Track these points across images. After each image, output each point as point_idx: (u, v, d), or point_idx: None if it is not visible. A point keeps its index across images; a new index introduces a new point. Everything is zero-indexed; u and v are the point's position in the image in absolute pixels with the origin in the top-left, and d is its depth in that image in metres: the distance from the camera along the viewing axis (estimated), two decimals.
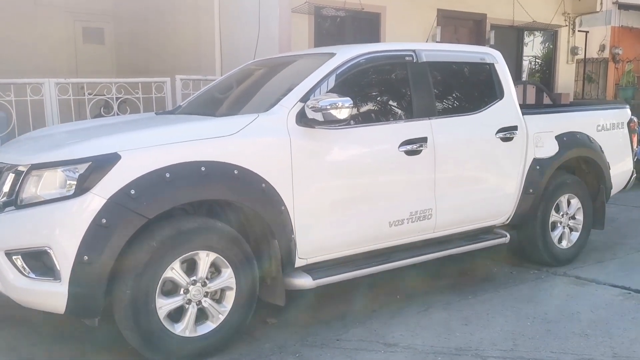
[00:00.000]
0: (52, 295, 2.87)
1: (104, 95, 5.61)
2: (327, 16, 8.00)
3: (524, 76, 10.67)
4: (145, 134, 3.22)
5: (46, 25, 8.79)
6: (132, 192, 2.87)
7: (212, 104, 4.39)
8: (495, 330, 3.49)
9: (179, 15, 7.90)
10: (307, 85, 3.54)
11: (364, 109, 3.81)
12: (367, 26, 8.52)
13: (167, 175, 2.96)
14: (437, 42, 8.57)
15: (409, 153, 3.76)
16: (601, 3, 10.61)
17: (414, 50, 3.99)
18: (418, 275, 4.33)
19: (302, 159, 3.36)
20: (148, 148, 3.00)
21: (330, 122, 3.32)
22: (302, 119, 3.36)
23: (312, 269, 3.54)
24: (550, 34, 10.89)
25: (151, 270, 2.94)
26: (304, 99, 3.41)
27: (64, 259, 2.81)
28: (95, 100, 5.57)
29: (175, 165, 2.99)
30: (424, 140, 3.82)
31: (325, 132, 3.43)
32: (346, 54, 3.77)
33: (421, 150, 3.81)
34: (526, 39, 10.66)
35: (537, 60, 11.08)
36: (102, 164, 2.87)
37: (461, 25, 9.48)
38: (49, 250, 2.84)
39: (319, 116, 3.29)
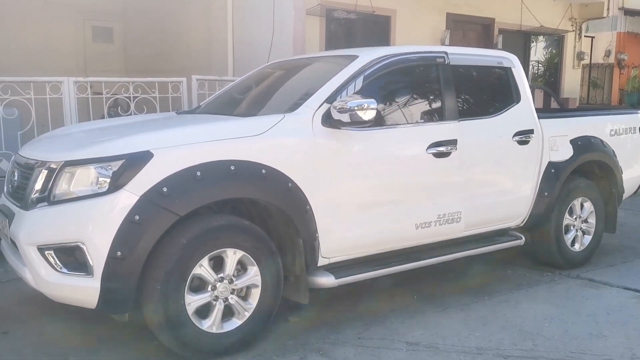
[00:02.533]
0: (84, 290, 2.92)
1: (121, 94, 5.66)
2: (339, 18, 8.07)
3: (532, 80, 10.75)
4: (175, 132, 3.27)
5: (56, 24, 8.83)
6: (165, 189, 2.92)
7: (232, 105, 4.45)
8: (513, 330, 3.55)
9: (191, 15, 7.96)
10: (332, 86, 3.59)
11: (389, 110, 3.85)
12: (377, 29, 8.59)
13: (198, 173, 3.01)
14: (446, 45, 8.63)
15: (438, 155, 3.83)
16: (608, 9, 10.70)
17: (445, 52, 4.07)
18: (433, 276, 4.40)
19: (327, 160, 3.42)
20: (180, 146, 3.06)
21: (356, 123, 3.37)
22: (328, 120, 3.42)
23: (333, 268, 3.59)
24: (557, 39, 10.98)
25: (181, 266, 2.99)
26: (330, 100, 3.46)
27: (97, 254, 2.86)
28: (113, 99, 5.62)
29: (206, 164, 3.05)
30: (453, 142, 3.89)
31: (350, 133, 3.48)
32: (369, 55, 3.83)
33: (450, 153, 3.87)
34: (533, 44, 10.74)
35: (544, 64, 11.15)
36: (135, 162, 2.93)
37: (470, 29, 9.56)
38: (82, 246, 2.88)
39: (344, 117, 3.35)
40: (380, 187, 3.66)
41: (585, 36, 11.23)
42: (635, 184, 5.36)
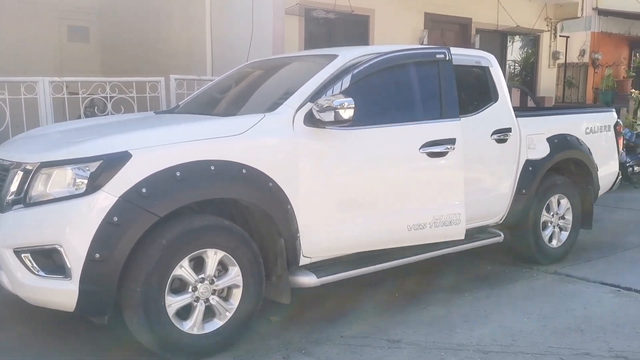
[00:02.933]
0: (62, 293, 2.88)
1: (98, 94, 5.58)
2: (318, 18, 8.06)
3: (509, 79, 10.87)
4: (154, 132, 3.24)
5: (31, 24, 8.68)
6: (144, 190, 2.89)
7: (211, 104, 4.42)
8: (493, 326, 3.59)
9: (169, 14, 7.88)
10: (312, 85, 3.58)
11: (372, 109, 3.76)
12: (356, 28, 8.61)
13: (178, 173, 2.98)
14: (424, 44, 8.69)
15: (433, 155, 3.76)
16: (582, 9, 10.88)
17: (448, 49, 3.99)
18: (415, 274, 4.42)
19: (308, 159, 3.41)
20: (159, 147, 3.03)
21: (336, 122, 3.35)
22: (310, 119, 3.40)
23: (315, 267, 3.59)
24: (533, 39, 11.13)
25: (161, 268, 2.96)
26: (312, 99, 3.45)
27: (75, 256, 2.82)
28: (89, 99, 5.55)
29: (186, 164, 3.02)
30: (451, 141, 3.80)
31: (335, 132, 3.44)
32: (349, 55, 3.84)
33: (447, 152, 3.79)
34: (510, 43, 10.87)
35: (520, 64, 11.30)
36: (113, 163, 2.89)
37: (448, 29, 9.63)
38: (59, 248, 2.84)
39: (325, 116, 3.33)
40: (366, 187, 3.61)
41: (560, 36, 11.40)
42: (610, 180, 5.46)
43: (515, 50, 11.14)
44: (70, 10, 9.25)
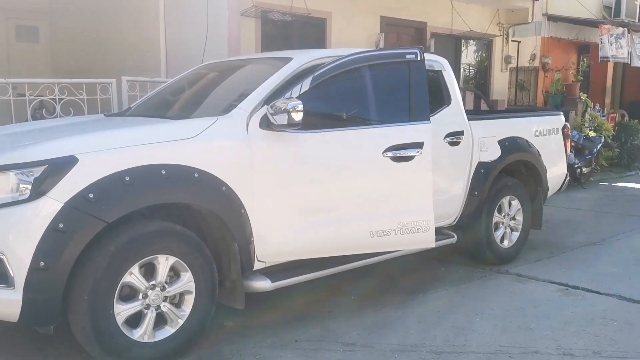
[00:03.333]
0: (5, 303, 2.77)
1: (46, 96, 5.41)
2: (274, 20, 8.03)
3: (463, 83, 11.08)
4: (102, 136, 3.16)
5: None
6: (91, 195, 2.81)
7: (164, 107, 4.34)
8: (447, 327, 3.64)
9: (121, 14, 7.70)
10: (267, 88, 3.56)
11: (334, 112, 3.71)
12: (313, 31, 8.62)
13: (127, 178, 2.91)
14: (380, 48, 8.77)
15: (397, 159, 3.64)
16: (532, 14, 11.16)
17: (420, 50, 3.87)
18: (370, 276, 4.44)
19: (264, 163, 3.37)
20: (107, 151, 2.94)
21: (289, 125, 3.31)
22: (266, 122, 3.36)
23: (270, 271, 3.57)
24: (486, 43, 11.37)
25: (109, 275, 2.89)
26: (267, 102, 3.42)
27: (19, 265, 2.72)
28: (37, 101, 5.37)
29: (135, 169, 2.95)
30: (418, 145, 3.67)
31: (291, 135, 3.39)
32: (303, 58, 3.82)
33: (413, 157, 3.66)
34: (464, 47, 11.08)
35: (474, 67, 11.53)
36: (58, 167, 2.80)
37: (403, 33, 9.75)
38: (1, 256, 2.73)
39: (278, 119, 3.30)
40: (324, 192, 3.55)
41: (512, 41, 11.68)
42: (559, 181, 5.62)
43: (469, 54, 11.36)
44: (19, 9, 8.96)
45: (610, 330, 3.57)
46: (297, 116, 3.26)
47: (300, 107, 3.26)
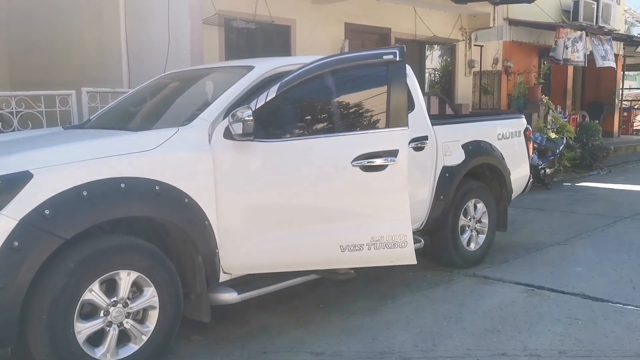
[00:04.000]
0: None
1: (3, 109, 5.26)
2: (238, 28, 7.99)
3: (428, 88, 11.20)
4: (58, 150, 3.07)
5: None
6: (47, 212, 2.73)
7: (125, 118, 4.26)
8: (415, 332, 3.64)
9: (81, 24, 7.56)
10: (229, 98, 3.52)
11: (302, 120, 3.63)
12: (277, 38, 8.60)
13: (85, 193, 2.84)
14: (356, 50, 8.78)
15: (368, 169, 3.42)
16: (494, 19, 11.37)
17: (400, 49, 3.67)
18: (338, 283, 4.42)
19: (228, 174, 3.32)
20: (63, 165, 2.87)
21: (243, 134, 3.23)
22: (228, 132, 3.31)
23: (236, 283, 3.51)
24: (450, 48, 11.52)
25: (69, 293, 2.81)
26: (229, 111, 3.36)
27: None
28: None
29: (93, 183, 2.88)
30: (392, 154, 3.43)
31: (256, 145, 3.32)
32: (265, 66, 3.80)
33: (386, 166, 3.43)
34: (428, 53, 11.21)
35: (438, 72, 11.68)
36: (12, 183, 2.71)
37: (368, 39, 9.81)
38: None
39: (236, 128, 3.24)
40: (290, 204, 3.45)
41: (474, 45, 11.87)
42: (522, 183, 5.70)
43: (434, 59, 11.50)
44: None
45: (575, 329, 3.63)
46: (249, 125, 3.20)
47: (249, 116, 3.19)
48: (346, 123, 3.63)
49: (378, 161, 3.43)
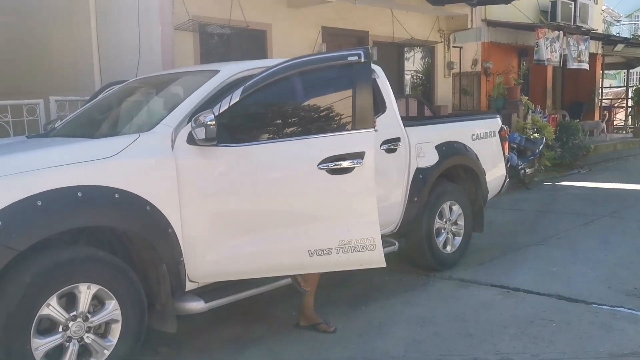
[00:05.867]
0: None
1: None
2: (213, 33, 7.92)
3: (407, 90, 11.18)
4: (12, 159, 2.98)
5: None
6: None
7: (91, 125, 4.16)
8: (387, 338, 3.58)
9: (53, 31, 7.46)
10: (192, 102, 3.45)
11: (268, 124, 3.55)
12: (253, 43, 8.53)
13: (39, 203, 2.75)
14: (319, 52, 8.74)
15: (334, 172, 3.32)
16: (472, 20, 11.40)
17: (364, 50, 3.51)
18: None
19: (191, 180, 3.24)
20: (16, 174, 2.77)
21: (206, 139, 3.15)
22: (191, 137, 3.21)
23: (203, 292, 3.43)
24: (428, 50, 11.53)
25: (24, 308, 2.71)
26: (192, 116, 3.27)
27: None
28: None
29: (48, 192, 2.79)
30: (358, 156, 3.33)
31: (220, 150, 3.24)
32: (230, 70, 3.73)
33: (353, 169, 3.33)
34: (406, 55, 11.20)
35: (417, 74, 11.67)
36: None
37: (345, 42, 9.76)
38: None
39: (198, 133, 3.15)
40: (256, 209, 3.36)
41: (453, 47, 11.88)
42: (498, 183, 5.67)
43: (413, 61, 11.49)
44: None
45: (548, 331, 3.59)
46: (211, 130, 3.12)
47: (212, 120, 3.12)
48: (312, 126, 3.55)
49: (344, 164, 3.32)
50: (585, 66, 13.10)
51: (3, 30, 8.07)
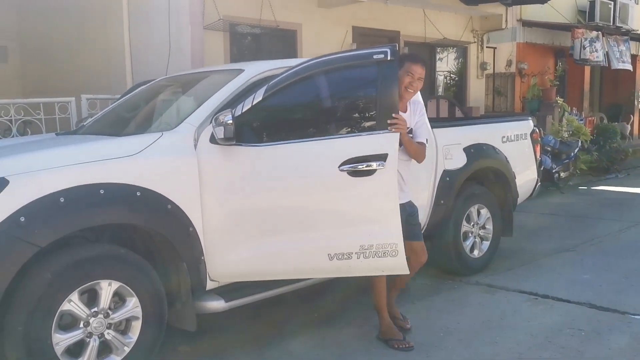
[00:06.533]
0: None
1: (1, 116, 5.26)
2: (243, 33, 7.95)
3: (439, 91, 11.03)
4: (38, 156, 3.01)
5: None
6: (22, 219, 2.66)
7: (118, 123, 4.21)
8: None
9: (87, 32, 7.60)
10: (216, 102, 3.44)
11: (291, 124, 3.50)
12: (283, 43, 8.54)
13: (62, 199, 2.77)
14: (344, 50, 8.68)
15: (356, 174, 3.24)
16: (506, 21, 11.17)
17: (392, 47, 3.42)
18: (331, 292, 4.28)
19: (214, 179, 3.23)
20: (40, 171, 2.80)
21: (225, 139, 3.13)
22: (213, 137, 3.21)
23: (224, 291, 3.42)
24: (461, 50, 11.35)
25: (46, 304, 2.74)
26: (214, 115, 3.25)
27: None
28: None
29: (71, 189, 2.81)
30: (381, 158, 3.23)
31: (244, 149, 3.23)
32: (255, 69, 3.72)
33: (374, 171, 3.23)
34: (438, 55, 11.05)
35: (450, 75, 11.50)
36: None
37: (376, 42, 9.66)
38: None
39: (218, 132, 3.14)
40: (277, 210, 3.31)
41: (487, 47, 11.67)
42: (529, 187, 5.52)
43: (444, 62, 11.33)
44: None
45: (577, 340, 3.46)
46: (229, 129, 3.11)
47: (229, 120, 3.11)
48: (334, 126, 3.51)
49: (366, 166, 3.25)
50: (629, 66, 12.72)
51: (38, 30, 8.28)
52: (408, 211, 3.59)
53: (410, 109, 3.63)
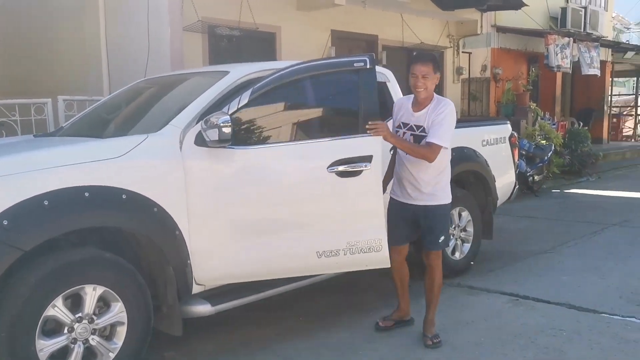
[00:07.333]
0: None
1: None
2: (222, 35, 7.91)
3: None
4: (19, 158, 2.95)
5: None
6: (5, 222, 2.61)
7: (98, 125, 4.14)
8: (396, 345, 3.53)
9: (63, 32, 7.45)
10: (201, 104, 3.42)
11: (277, 126, 3.54)
12: (262, 45, 8.52)
13: (46, 202, 2.72)
14: (327, 57, 8.71)
15: (344, 175, 3.36)
16: (481, 26, 11.34)
17: (370, 57, 3.57)
18: (319, 295, 4.31)
19: (199, 181, 3.21)
20: (23, 174, 2.75)
21: (220, 141, 3.12)
22: (200, 138, 3.19)
23: (210, 295, 3.39)
24: (437, 55, 11.47)
25: (29, 309, 2.68)
26: (202, 117, 3.24)
27: None
28: None
29: (55, 192, 2.77)
30: (366, 159, 3.37)
31: (229, 151, 3.23)
32: (240, 72, 3.70)
33: (361, 172, 3.37)
34: None
35: None
36: None
37: (355, 46, 9.74)
38: None
39: (210, 134, 3.12)
40: (265, 211, 3.34)
41: (462, 52, 11.84)
42: (508, 190, 5.60)
43: None
44: None
45: (559, 341, 3.52)
46: (227, 131, 3.09)
47: (228, 122, 3.10)
48: (320, 129, 3.59)
49: (353, 167, 3.36)
50: (597, 72, 13.02)
51: (12, 30, 8.09)
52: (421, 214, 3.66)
53: (429, 108, 3.59)
